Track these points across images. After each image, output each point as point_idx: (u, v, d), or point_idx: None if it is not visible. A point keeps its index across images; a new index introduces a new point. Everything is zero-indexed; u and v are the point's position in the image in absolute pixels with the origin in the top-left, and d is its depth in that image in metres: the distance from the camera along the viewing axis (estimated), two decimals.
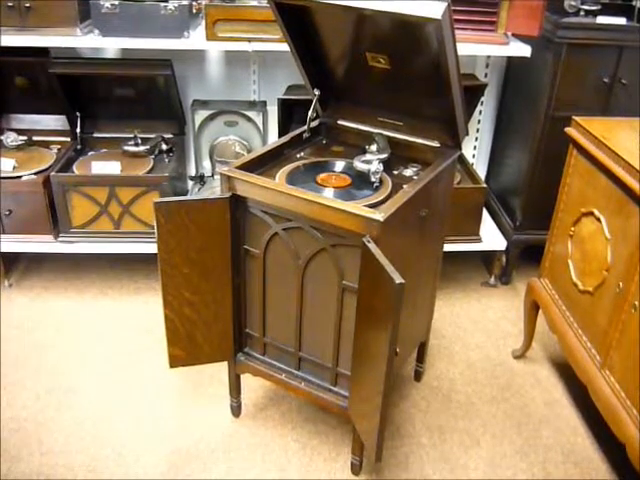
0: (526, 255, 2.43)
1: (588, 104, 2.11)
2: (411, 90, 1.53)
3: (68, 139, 2.40)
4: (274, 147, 1.58)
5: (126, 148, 2.33)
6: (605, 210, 1.56)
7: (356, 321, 1.36)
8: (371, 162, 1.47)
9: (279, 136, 2.26)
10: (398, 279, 1.12)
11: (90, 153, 2.39)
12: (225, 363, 1.69)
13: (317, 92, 1.64)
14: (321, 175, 1.51)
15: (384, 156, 1.52)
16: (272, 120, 2.42)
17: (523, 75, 2.37)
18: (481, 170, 2.73)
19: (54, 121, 2.42)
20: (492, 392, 1.96)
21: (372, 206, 1.33)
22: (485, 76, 2.50)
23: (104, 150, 2.41)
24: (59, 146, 2.38)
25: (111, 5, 1.98)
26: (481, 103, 2.51)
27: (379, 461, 1.39)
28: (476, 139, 2.64)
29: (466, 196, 2.20)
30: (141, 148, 2.32)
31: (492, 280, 2.50)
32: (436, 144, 1.58)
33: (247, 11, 2.01)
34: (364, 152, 1.55)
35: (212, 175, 2.53)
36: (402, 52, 1.44)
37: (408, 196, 1.34)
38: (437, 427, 1.82)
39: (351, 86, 1.67)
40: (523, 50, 2.06)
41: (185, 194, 2.49)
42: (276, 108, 2.27)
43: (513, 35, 2.11)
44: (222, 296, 1.55)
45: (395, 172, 1.55)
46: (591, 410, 1.66)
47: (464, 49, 1.91)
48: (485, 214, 2.48)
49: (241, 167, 1.44)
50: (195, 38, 2.08)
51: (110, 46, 2.35)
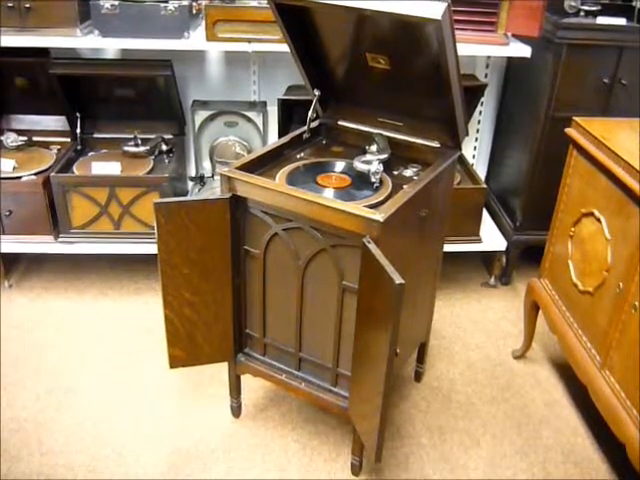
0: (526, 255, 2.43)
1: (588, 104, 2.11)
2: (411, 90, 1.53)
3: (68, 140, 2.40)
4: (274, 147, 1.58)
5: (126, 149, 2.33)
6: (605, 210, 1.56)
7: (356, 321, 1.36)
8: (371, 162, 1.47)
9: (279, 136, 2.26)
10: (398, 279, 1.12)
11: (90, 154, 2.39)
12: (225, 364, 1.69)
13: (317, 92, 1.64)
14: (321, 175, 1.51)
15: (384, 156, 1.52)
16: (272, 120, 2.42)
17: (523, 75, 2.37)
18: (481, 170, 2.73)
19: (54, 122, 2.42)
20: (492, 392, 1.96)
21: (372, 206, 1.33)
22: (485, 76, 2.50)
23: (104, 151, 2.41)
24: (59, 147, 2.38)
25: (111, 6, 1.98)
26: (481, 103, 2.51)
27: (379, 461, 1.39)
28: (476, 139, 2.64)
29: (466, 196, 2.20)
30: (141, 149, 2.32)
31: (492, 280, 2.50)
32: (436, 144, 1.58)
33: (247, 12, 2.01)
34: (364, 152, 1.55)
35: (212, 176, 2.53)
36: (402, 53, 1.44)
37: (408, 196, 1.34)
38: (437, 427, 1.82)
39: (351, 86, 1.67)
40: (523, 50, 2.06)
41: (185, 195, 2.49)
42: (276, 108, 2.27)
43: (513, 35, 2.11)
44: (222, 296, 1.55)
45: (395, 172, 1.55)
46: (591, 410, 1.66)
47: (464, 49, 1.91)
48: (485, 214, 2.48)
49: (241, 168, 1.44)
50: (195, 39, 2.08)
51: (110, 47, 2.35)
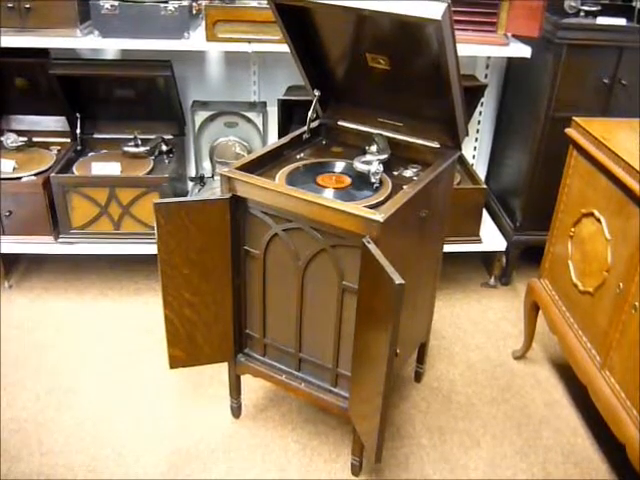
0: (526, 256, 2.43)
1: (588, 105, 2.11)
2: (411, 91, 1.53)
3: (68, 140, 2.40)
4: (274, 148, 1.58)
5: (126, 149, 2.33)
6: (605, 211, 1.56)
7: (356, 322, 1.36)
8: (371, 163, 1.47)
9: (279, 137, 2.26)
10: (398, 280, 1.12)
11: (90, 154, 2.39)
12: (225, 364, 1.69)
13: (317, 93, 1.64)
14: (321, 176, 1.51)
15: (384, 157, 1.52)
16: (272, 121, 2.42)
17: (523, 76, 2.37)
18: (481, 171, 2.73)
19: (54, 122, 2.42)
20: (492, 393, 1.96)
21: (372, 207, 1.33)
22: (485, 77, 2.50)
23: (104, 151, 2.41)
24: (59, 147, 2.38)
25: (111, 6, 1.98)
26: (481, 104, 2.51)
27: (379, 462, 1.39)
28: (476, 140, 2.64)
29: (466, 197, 2.20)
30: (141, 149, 2.32)
31: (492, 281, 2.50)
32: (436, 145, 1.58)
33: (247, 12, 2.01)
34: (364, 153, 1.55)
35: (212, 176, 2.53)
36: (402, 53, 1.44)
37: (408, 197, 1.34)
38: (437, 428, 1.82)
39: (351, 87, 1.67)
40: (523, 51, 2.06)
41: (185, 195, 2.49)
42: (276, 109, 2.27)
43: (513, 36, 2.11)
44: (222, 297, 1.55)
45: (395, 173, 1.55)
46: (591, 411, 1.66)
47: (464, 50, 1.91)
48: (485, 215, 2.48)
49: (241, 168, 1.44)
50: (195, 39, 2.08)
51: (110, 47, 2.35)
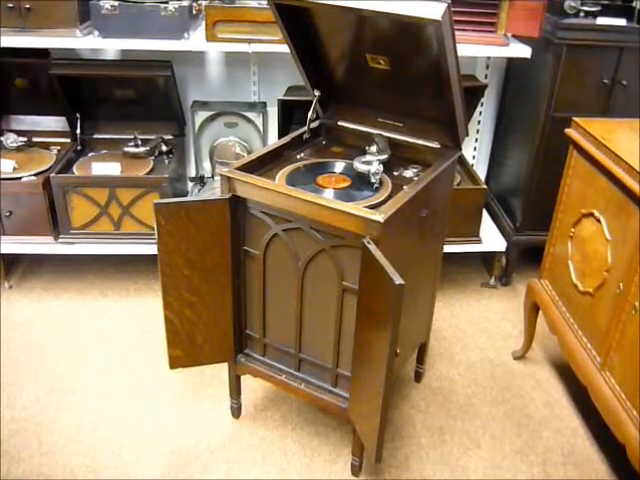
0: (526, 256, 2.43)
1: (588, 105, 2.11)
2: (411, 91, 1.53)
3: (68, 140, 2.40)
4: (274, 148, 1.58)
5: (126, 149, 2.33)
6: (605, 211, 1.56)
7: (356, 322, 1.36)
8: (371, 163, 1.47)
9: (279, 137, 2.26)
10: (398, 280, 1.12)
11: (90, 154, 2.39)
12: (225, 364, 1.69)
13: (317, 93, 1.64)
14: (321, 176, 1.51)
15: (384, 157, 1.52)
16: (272, 121, 2.42)
17: (523, 76, 2.37)
18: (481, 171, 2.73)
19: (54, 122, 2.42)
20: (492, 393, 1.96)
21: (372, 207, 1.33)
22: (485, 77, 2.50)
23: (104, 151, 2.41)
24: (59, 147, 2.38)
25: (111, 6, 1.98)
26: (481, 104, 2.51)
27: (379, 462, 1.39)
28: (476, 140, 2.64)
29: (466, 197, 2.20)
30: (141, 149, 2.32)
31: (492, 281, 2.50)
32: (436, 145, 1.58)
33: (247, 12, 2.01)
34: (364, 153, 1.55)
35: (212, 176, 2.53)
36: (402, 53, 1.44)
37: (408, 197, 1.34)
38: (437, 428, 1.82)
39: (351, 87, 1.67)
40: (523, 51, 2.06)
41: (185, 195, 2.49)
42: (276, 109, 2.27)
43: (513, 36, 2.11)
44: (222, 297, 1.55)
45: (395, 173, 1.55)
46: (591, 411, 1.66)
47: (464, 50, 1.91)
48: (485, 215, 2.48)
49: (241, 168, 1.44)
50: (195, 39, 2.08)
51: (110, 47, 2.35)
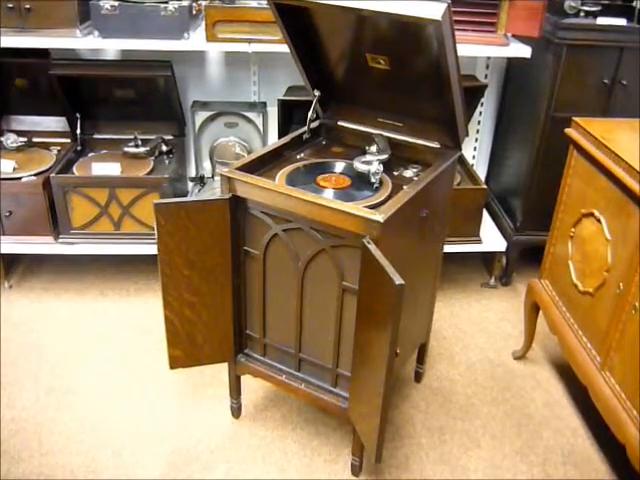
0: (526, 256, 2.43)
1: (588, 105, 2.10)
2: (411, 91, 1.53)
3: (68, 140, 2.40)
4: (274, 148, 1.58)
5: (126, 149, 2.33)
6: (605, 211, 1.56)
7: (356, 322, 1.36)
8: (371, 163, 1.47)
9: (279, 137, 2.26)
10: (398, 280, 1.12)
11: (90, 154, 2.39)
12: (225, 364, 1.69)
13: (317, 93, 1.64)
14: (321, 176, 1.51)
15: (384, 157, 1.52)
16: (272, 121, 2.42)
17: (523, 76, 2.37)
18: (481, 171, 2.73)
19: (54, 122, 2.42)
20: (492, 393, 1.96)
21: (372, 207, 1.33)
22: (485, 77, 2.50)
23: (104, 151, 2.41)
24: (59, 147, 2.38)
25: (111, 6, 1.98)
26: (481, 104, 2.51)
27: (379, 462, 1.39)
28: (476, 140, 2.64)
29: (466, 197, 2.20)
30: (141, 149, 2.32)
31: (492, 281, 2.50)
32: (436, 145, 1.58)
33: (247, 12, 2.01)
34: (364, 153, 1.55)
35: (212, 176, 2.53)
36: (402, 53, 1.44)
37: (408, 197, 1.34)
38: (437, 428, 1.82)
39: (351, 87, 1.67)
40: (523, 51, 2.06)
41: (185, 195, 2.49)
42: (276, 109, 2.27)
43: (513, 36, 2.11)
44: (222, 297, 1.55)
45: (395, 173, 1.55)
46: (591, 411, 1.66)
47: (464, 50, 1.91)
48: (485, 215, 2.48)
49: (241, 168, 1.44)
50: (195, 39, 2.08)
51: (110, 47, 2.35)
